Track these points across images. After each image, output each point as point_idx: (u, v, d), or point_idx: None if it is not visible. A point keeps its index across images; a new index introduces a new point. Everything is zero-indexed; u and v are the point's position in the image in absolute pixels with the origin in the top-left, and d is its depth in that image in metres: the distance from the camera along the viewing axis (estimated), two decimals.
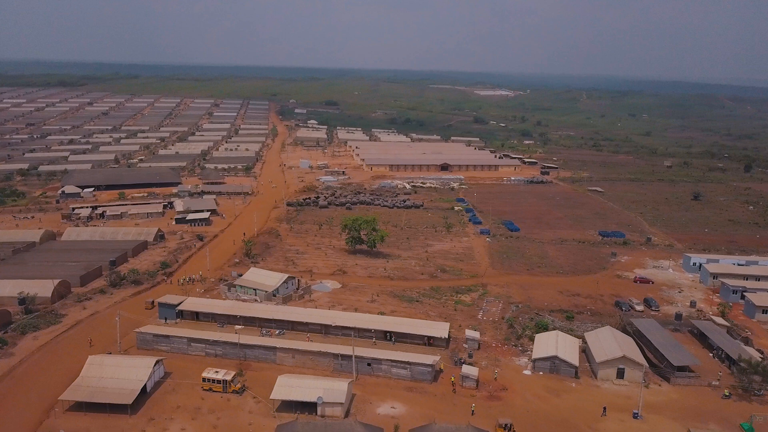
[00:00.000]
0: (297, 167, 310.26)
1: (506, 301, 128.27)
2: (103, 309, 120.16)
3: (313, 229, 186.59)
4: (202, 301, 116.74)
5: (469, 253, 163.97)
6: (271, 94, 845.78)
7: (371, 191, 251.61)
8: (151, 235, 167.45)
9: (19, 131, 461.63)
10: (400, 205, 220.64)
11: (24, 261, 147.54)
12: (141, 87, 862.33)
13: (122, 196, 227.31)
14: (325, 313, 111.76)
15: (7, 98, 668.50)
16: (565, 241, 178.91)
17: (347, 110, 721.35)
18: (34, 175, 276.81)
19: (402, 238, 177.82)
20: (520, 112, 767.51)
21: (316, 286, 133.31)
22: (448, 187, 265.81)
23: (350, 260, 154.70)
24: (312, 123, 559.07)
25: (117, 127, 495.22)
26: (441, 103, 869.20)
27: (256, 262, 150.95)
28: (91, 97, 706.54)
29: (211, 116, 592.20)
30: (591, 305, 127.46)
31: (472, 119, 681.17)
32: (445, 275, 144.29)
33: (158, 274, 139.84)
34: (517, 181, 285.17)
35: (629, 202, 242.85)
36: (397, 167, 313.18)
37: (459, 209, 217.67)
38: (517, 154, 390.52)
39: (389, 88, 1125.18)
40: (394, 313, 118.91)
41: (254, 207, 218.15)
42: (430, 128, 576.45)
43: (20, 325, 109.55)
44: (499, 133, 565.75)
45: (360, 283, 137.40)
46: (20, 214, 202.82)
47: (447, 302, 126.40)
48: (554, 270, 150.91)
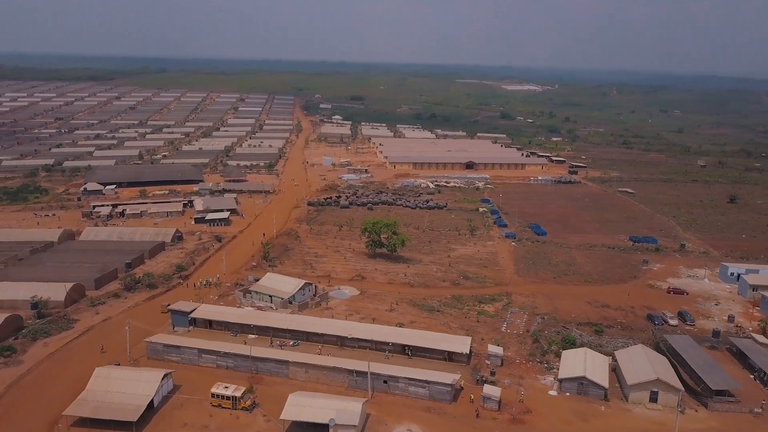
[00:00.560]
0: (320, 165, 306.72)
1: (531, 312, 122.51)
2: (116, 314, 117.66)
3: (333, 230, 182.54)
4: (215, 309, 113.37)
5: (493, 258, 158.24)
6: (297, 89, 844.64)
7: (394, 190, 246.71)
8: (168, 236, 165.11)
9: (47, 125, 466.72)
10: (422, 206, 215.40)
11: (41, 261, 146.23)
12: (168, 81, 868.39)
13: (143, 194, 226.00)
14: (341, 324, 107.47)
15: (38, 92, 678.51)
16: (594, 246, 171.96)
17: (372, 105, 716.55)
18: (59, 170, 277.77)
19: (424, 241, 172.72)
20: (548, 108, 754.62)
21: (333, 293, 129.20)
22: (473, 187, 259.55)
23: (370, 265, 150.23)
24: (336, 118, 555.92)
25: (143, 121, 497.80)
26: (467, 98, 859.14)
27: (274, 265, 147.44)
28: (120, 92, 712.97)
29: (236, 111, 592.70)
30: (621, 318, 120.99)
31: (498, 115, 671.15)
32: (468, 282, 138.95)
33: (174, 278, 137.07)
34: (544, 180, 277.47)
35: (661, 204, 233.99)
36: (420, 165, 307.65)
37: (484, 211, 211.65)
38: (544, 151, 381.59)
39: (415, 82, 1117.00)
40: (413, 324, 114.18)
41: (275, 206, 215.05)
42: (456, 124, 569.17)
43: (31, 330, 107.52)
44: (526, 129, 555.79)
45: (379, 290, 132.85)
46: (42, 211, 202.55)
47: (469, 313, 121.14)
48: (582, 278, 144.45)
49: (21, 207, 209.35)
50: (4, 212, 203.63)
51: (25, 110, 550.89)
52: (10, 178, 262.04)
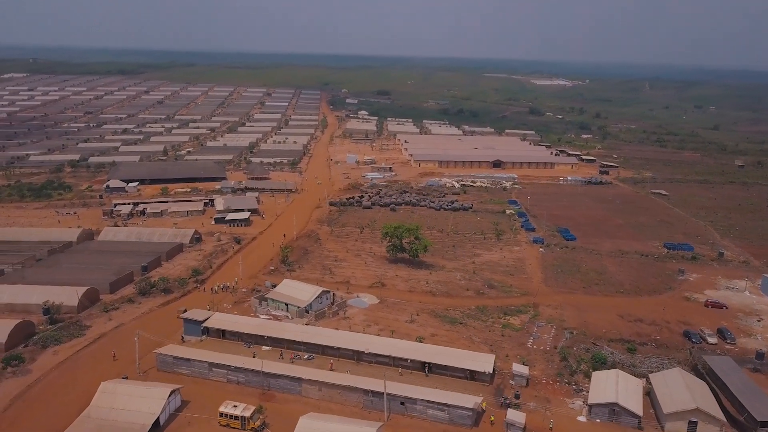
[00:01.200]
0: (344, 162, 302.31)
1: (559, 325, 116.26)
2: (128, 321, 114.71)
3: (355, 232, 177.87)
4: (228, 318, 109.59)
5: (520, 265, 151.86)
6: (324, 83, 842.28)
7: (418, 190, 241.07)
8: (187, 237, 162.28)
9: (77, 119, 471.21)
10: (447, 207, 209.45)
11: (58, 262, 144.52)
12: (197, 75, 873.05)
13: (165, 192, 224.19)
14: (358, 338, 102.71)
15: (69, 86, 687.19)
16: (626, 253, 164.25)
17: (399, 100, 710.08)
18: (84, 166, 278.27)
19: (447, 245, 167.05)
20: (578, 103, 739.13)
21: (352, 301, 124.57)
22: (500, 187, 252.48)
23: (390, 270, 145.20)
24: (362, 114, 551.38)
25: (170, 116, 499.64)
26: (496, 93, 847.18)
27: (293, 270, 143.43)
28: (148, 86, 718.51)
29: (262, 106, 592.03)
30: (656, 334, 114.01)
31: (527, 110, 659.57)
32: (493, 292, 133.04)
33: (189, 282, 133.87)
34: (573, 181, 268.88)
35: (697, 207, 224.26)
36: (446, 163, 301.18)
37: (511, 213, 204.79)
38: (574, 149, 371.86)
39: (443, 76, 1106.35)
40: (434, 337, 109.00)
41: (297, 206, 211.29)
42: (484, 119, 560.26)
43: (42, 337, 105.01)
44: (555, 125, 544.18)
45: (399, 298, 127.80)
46: (64, 209, 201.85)
47: (494, 325, 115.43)
48: (614, 289, 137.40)
49: (44, 204, 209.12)
50: (27, 209, 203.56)
51: (55, 104, 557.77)
52: (37, 174, 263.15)
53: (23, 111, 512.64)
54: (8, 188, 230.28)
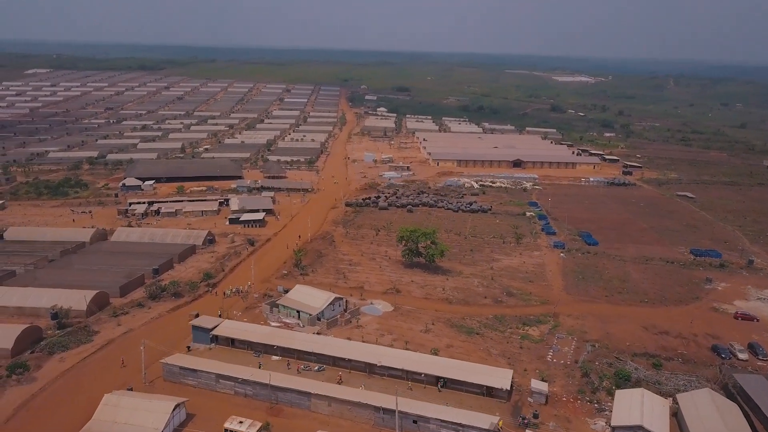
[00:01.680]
0: (361, 161, 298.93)
1: (580, 337, 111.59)
2: (138, 326, 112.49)
3: (370, 234, 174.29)
4: (238, 326, 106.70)
5: (540, 271, 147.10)
6: (343, 80, 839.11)
7: (435, 190, 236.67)
8: (200, 239, 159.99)
9: (98, 115, 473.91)
10: (465, 209, 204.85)
11: (70, 264, 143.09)
12: (217, 71, 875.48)
13: (180, 191, 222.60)
14: (371, 350, 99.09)
15: (91, 82, 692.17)
16: (651, 259, 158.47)
17: (418, 96, 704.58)
18: (101, 163, 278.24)
19: (465, 249, 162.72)
20: (600, 101, 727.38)
21: (365, 308, 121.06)
22: (520, 188, 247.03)
23: (406, 276, 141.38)
24: (381, 111, 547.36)
25: (189, 112, 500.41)
26: (516, 90, 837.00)
27: (306, 273, 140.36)
28: (168, 82, 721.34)
29: (281, 102, 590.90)
30: (682, 348, 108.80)
31: (548, 107, 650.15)
32: (512, 300, 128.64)
33: (200, 286, 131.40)
34: (596, 182, 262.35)
35: (725, 211, 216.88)
36: (465, 163, 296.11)
37: (531, 215, 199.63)
38: (596, 148, 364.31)
39: (463, 73, 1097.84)
40: (450, 348, 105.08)
41: (312, 206, 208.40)
42: (504, 116, 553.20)
43: (49, 343, 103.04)
44: (577, 123, 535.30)
45: (414, 305, 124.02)
46: (79, 207, 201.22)
47: (512, 336, 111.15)
48: (638, 298, 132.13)
49: (60, 202, 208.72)
50: (43, 207, 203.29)
51: (77, 100, 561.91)
52: (55, 171, 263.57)
53: (45, 107, 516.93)
54: (26, 185, 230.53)
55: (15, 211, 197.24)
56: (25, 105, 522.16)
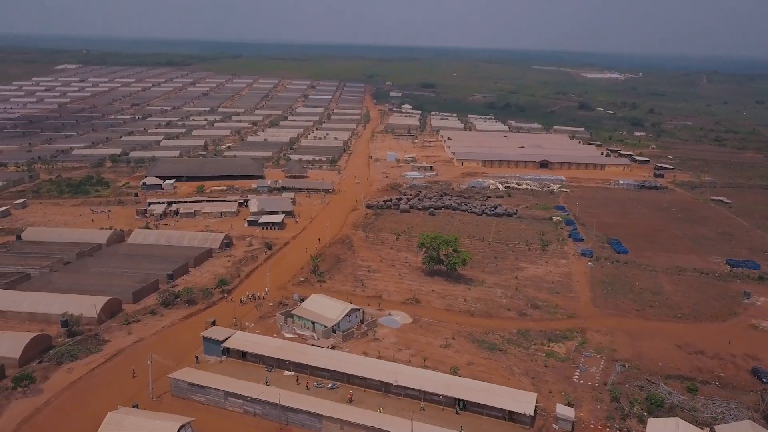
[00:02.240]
0: (383, 160, 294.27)
1: (609, 356, 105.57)
2: (149, 335, 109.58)
3: (390, 239, 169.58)
4: (250, 338, 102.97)
5: (566, 281, 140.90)
6: (368, 76, 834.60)
7: (459, 192, 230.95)
8: (217, 242, 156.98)
9: (124, 111, 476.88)
10: (490, 213, 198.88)
11: (85, 267, 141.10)
12: (243, 67, 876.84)
13: (201, 190, 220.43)
14: (387, 368, 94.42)
15: (119, 78, 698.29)
16: (684, 270, 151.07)
17: (444, 93, 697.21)
18: (124, 161, 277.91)
19: (489, 256, 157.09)
20: (630, 98, 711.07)
21: (383, 320, 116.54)
22: (547, 190, 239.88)
23: (426, 284, 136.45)
24: (406, 107, 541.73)
25: (214, 108, 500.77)
26: (544, 86, 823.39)
27: (323, 280, 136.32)
28: (195, 78, 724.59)
29: (306, 99, 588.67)
30: (720, 370, 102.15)
31: (577, 105, 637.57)
32: (537, 313, 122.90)
33: (215, 292, 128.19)
34: (626, 185, 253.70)
35: (763, 218, 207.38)
36: (490, 163, 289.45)
37: (558, 220, 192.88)
38: (626, 149, 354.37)
39: (489, 69, 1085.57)
40: (470, 366, 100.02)
41: (332, 208, 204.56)
42: (531, 114, 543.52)
43: (57, 353, 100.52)
44: (606, 121, 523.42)
45: (434, 318, 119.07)
46: (99, 206, 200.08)
47: (536, 354, 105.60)
48: (670, 312, 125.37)
49: (81, 201, 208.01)
50: (63, 206, 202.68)
51: (104, 95, 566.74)
52: (78, 168, 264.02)
53: (73, 102, 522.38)
54: (48, 183, 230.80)
55: (36, 209, 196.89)
56: (54, 100, 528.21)
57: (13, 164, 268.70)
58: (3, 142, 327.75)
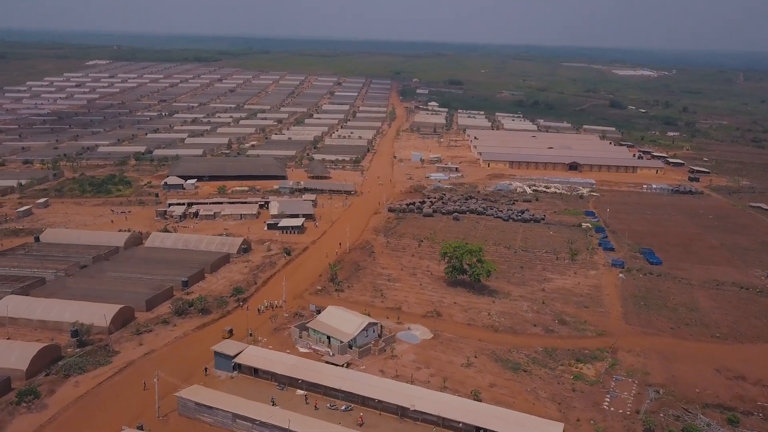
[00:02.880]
0: (408, 160, 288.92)
1: (642, 380, 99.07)
2: (160, 346, 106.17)
3: (412, 245, 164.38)
4: (262, 354, 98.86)
5: (596, 295, 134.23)
6: (395, 72, 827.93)
7: (485, 195, 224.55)
8: (234, 247, 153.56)
9: (151, 108, 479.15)
10: (516, 218, 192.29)
11: (101, 271, 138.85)
12: (271, 63, 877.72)
13: (222, 191, 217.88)
14: (404, 390, 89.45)
15: (148, 73, 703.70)
16: (722, 284, 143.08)
17: (471, 90, 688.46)
18: (148, 159, 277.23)
19: (515, 266, 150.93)
20: (663, 96, 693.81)
21: (402, 334, 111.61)
22: (576, 194, 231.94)
23: (448, 296, 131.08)
24: (432, 105, 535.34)
25: (240, 105, 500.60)
26: (574, 84, 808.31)
27: (341, 290, 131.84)
28: (222, 74, 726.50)
29: (332, 96, 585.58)
30: (763, 399, 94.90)
31: (608, 103, 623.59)
32: (564, 330, 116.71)
33: (230, 301, 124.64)
34: (659, 189, 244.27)
35: None
36: (518, 164, 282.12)
37: (587, 227, 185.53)
38: (659, 150, 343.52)
39: (518, 65, 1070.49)
40: (493, 388, 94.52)
41: (354, 211, 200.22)
42: (561, 112, 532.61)
43: (65, 365, 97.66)
44: (638, 120, 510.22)
45: (456, 333, 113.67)
46: (119, 207, 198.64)
47: (563, 375, 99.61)
48: (708, 331, 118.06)
49: (102, 201, 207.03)
50: (85, 206, 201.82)
51: (133, 91, 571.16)
52: (102, 166, 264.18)
53: (102, 98, 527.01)
54: (71, 182, 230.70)
55: (57, 209, 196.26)
56: (83, 96, 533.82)
57: (39, 161, 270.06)
58: (31, 139, 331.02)
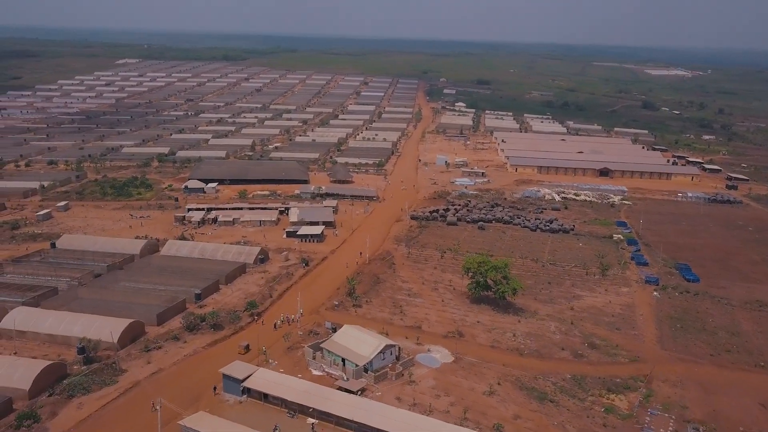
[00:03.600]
0: (433, 164, 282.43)
1: (680, 415, 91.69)
2: (168, 365, 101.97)
3: (435, 257, 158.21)
4: (272, 378, 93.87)
5: (629, 315, 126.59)
6: (422, 72, 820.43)
7: (512, 203, 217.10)
8: (251, 257, 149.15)
9: (177, 107, 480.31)
10: (544, 228, 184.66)
11: (115, 280, 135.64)
12: (298, 61, 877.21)
13: (243, 195, 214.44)
14: (421, 423, 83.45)
15: (176, 72, 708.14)
16: (765, 305, 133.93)
17: (499, 90, 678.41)
18: (170, 161, 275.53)
19: (542, 281, 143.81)
20: (698, 97, 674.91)
21: (421, 357, 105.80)
22: (607, 203, 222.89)
23: (471, 313, 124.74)
24: (459, 105, 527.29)
25: (266, 105, 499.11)
26: (605, 84, 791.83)
27: (359, 305, 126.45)
28: (249, 73, 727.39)
29: (358, 96, 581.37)
30: None
31: (640, 104, 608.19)
32: (594, 354, 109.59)
33: (243, 316, 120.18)
34: (695, 198, 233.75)
35: None
36: (546, 170, 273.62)
37: (619, 239, 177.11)
38: (694, 155, 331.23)
39: (548, 64, 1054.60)
40: (517, 420, 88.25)
41: (376, 218, 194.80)
42: (591, 114, 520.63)
43: (69, 385, 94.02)
44: (671, 122, 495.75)
45: (479, 356, 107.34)
46: (139, 211, 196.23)
47: (593, 408, 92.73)
48: (751, 359, 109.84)
49: (122, 204, 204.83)
50: (105, 209, 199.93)
51: (160, 90, 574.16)
52: (125, 167, 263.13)
53: (130, 97, 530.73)
54: (93, 184, 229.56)
55: (77, 213, 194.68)
56: (112, 95, 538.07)
57: (63, 162, 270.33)
58: (58, 138, 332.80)
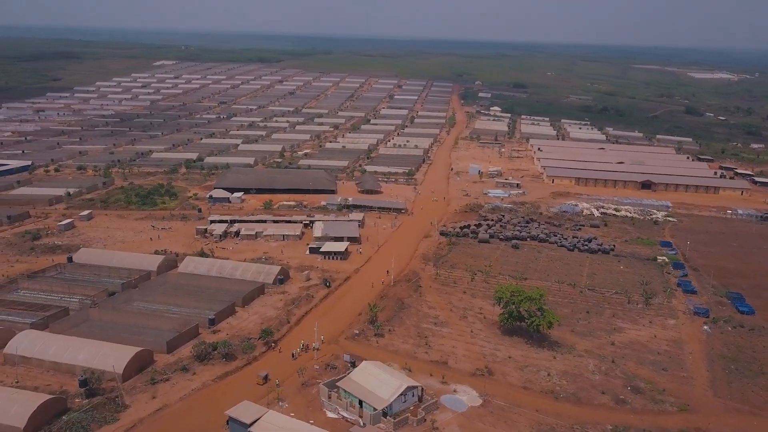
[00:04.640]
0: (465, 173, 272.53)
1: None
2: (174, 401, 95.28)
3: (465, 278, 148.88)
4: (282, 423, 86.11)
5: (676, 353, 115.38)
6: (457, 74, 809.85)
7: (548, 218, 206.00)
8: (271, 276, 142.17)
9: (210, 110, 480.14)
10: (582, 248, 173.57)
11: (129, 300, 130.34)
12: (332, 63, 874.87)
13: (268, 206, 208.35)
14: None
15: (211, 74, 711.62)
16: None
17: (536, 94, 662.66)
18: (198, 167, 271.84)
19: (580, 308, 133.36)
20: (745, 102, 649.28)
21: (446, 398, 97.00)
22: (650, 219, 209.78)
23: (502, 347, 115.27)
24: (495, 110, 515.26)
25: (298, 109, 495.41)
26: (646, 87, 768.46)
27: (381, 335, 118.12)
28: (283, 75, 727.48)
29: (391, 99, 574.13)
30: None
31: (683, 109, 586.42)
32: (638, 400, 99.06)
33: (257, 344, 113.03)
34: (745, 215, 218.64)
35: None
36: (585, 181, 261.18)
37: (664, 261, 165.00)
38: (742, 166, 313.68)
39: (587, 67, 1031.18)
40: None
41: (403, 233, 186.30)
42: (631, 119, 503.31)
43: (68, 422, 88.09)
44: (717, 129, 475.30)
45: (509, 399, 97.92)
46: (161, 222, 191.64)
47: None
48: None
49: (145, 214, 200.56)
50: (127, 219, 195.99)
51: (195, 93, 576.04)
52: (153, 173, 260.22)
53: (165, 99, 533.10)
54: (118, 191, 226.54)
55: (99, 222, 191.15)
56: (147, 97, 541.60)
57: (92, 167, 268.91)
58: (91, 142, 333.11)
